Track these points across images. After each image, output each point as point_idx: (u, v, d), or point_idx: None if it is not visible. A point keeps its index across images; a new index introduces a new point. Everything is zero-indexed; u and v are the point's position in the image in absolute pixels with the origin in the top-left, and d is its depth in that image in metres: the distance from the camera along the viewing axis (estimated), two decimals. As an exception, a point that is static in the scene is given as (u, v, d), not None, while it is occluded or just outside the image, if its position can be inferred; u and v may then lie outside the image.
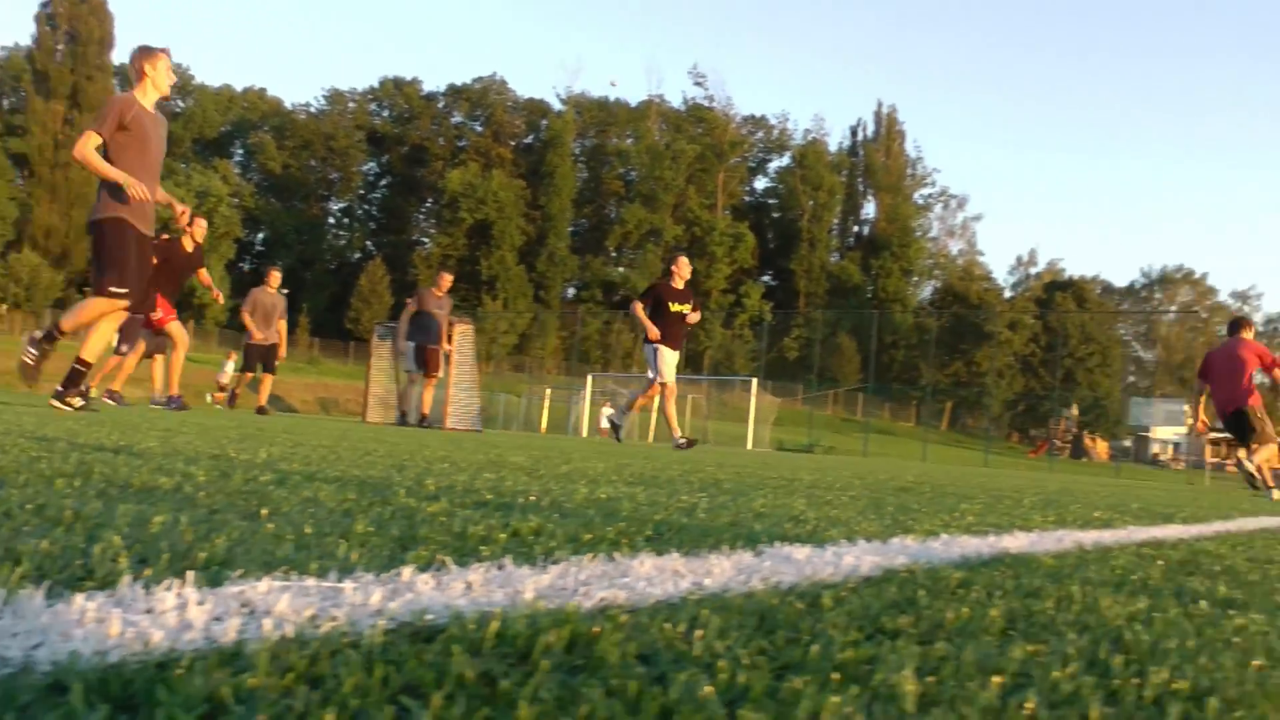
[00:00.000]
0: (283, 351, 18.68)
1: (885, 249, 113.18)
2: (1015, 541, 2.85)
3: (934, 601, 1.58)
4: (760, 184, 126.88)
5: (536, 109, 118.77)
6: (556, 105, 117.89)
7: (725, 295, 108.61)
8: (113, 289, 9.04)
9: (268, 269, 19.04)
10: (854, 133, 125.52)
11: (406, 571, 1.46)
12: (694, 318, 15.42)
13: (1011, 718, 0.96)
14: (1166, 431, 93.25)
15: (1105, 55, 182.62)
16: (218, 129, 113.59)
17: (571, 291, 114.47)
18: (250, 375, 19.37)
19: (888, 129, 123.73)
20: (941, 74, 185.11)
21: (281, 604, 1.18)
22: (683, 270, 15.40)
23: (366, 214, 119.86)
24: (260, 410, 17.87)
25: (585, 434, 49.62)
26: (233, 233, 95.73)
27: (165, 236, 15.33)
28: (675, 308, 15.10)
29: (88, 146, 8.90)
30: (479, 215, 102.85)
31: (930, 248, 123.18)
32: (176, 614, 1.10)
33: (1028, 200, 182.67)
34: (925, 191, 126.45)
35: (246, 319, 18.44)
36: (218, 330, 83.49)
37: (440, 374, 19.29)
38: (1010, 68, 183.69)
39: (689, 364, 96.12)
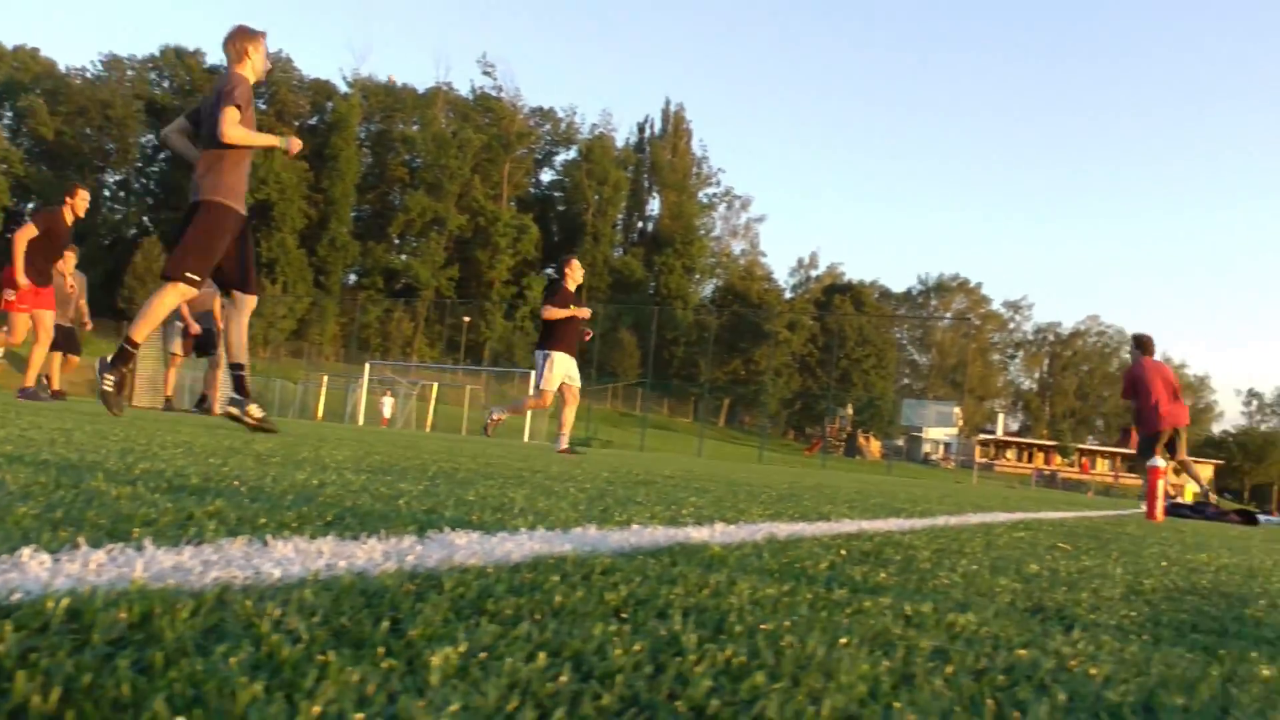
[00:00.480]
0: (88, 323, 17.81)
1: (668, 246, 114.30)
2: (703, 533, 2.92)
3: (560, 586, 1.63)
4: (546, 176, 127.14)
5: (322, 90, 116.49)
6: (342, 87, 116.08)
7: (508, 287, 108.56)
8: (189, 274, 8.69)
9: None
10: (641, 129, 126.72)
11: (27, 551, 1.45)
12: (586, 334, 15.33)
13: (535, 690, 1.00)
14: (938, 432, 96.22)
15: (891, 66, 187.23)
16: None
17: (353, 278, 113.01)
18: (72, 358, 18.44)
19: (675, 127, 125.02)
20: (730, 75, 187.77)
21: None
22: (576, 274, 15.27)
23: (144, 188, 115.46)
24: (56, 395, 17.15)
25: (361, 422, 49.13)
26: (0, 201, 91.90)
27: (48, 209, 14.95)
28: (574, 310, 14.99)
29: (236, 122, 8.70)
30: (260, 195, 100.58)
31: (713, 247, 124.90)
32: None
33: (811, 205, 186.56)
34: (710, 191, 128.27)
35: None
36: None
37: (215, 354, 18.73)
38: (798, 72, 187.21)
39: (468, 355, 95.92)
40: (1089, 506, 14.37)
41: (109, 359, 8.84)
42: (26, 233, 14.26)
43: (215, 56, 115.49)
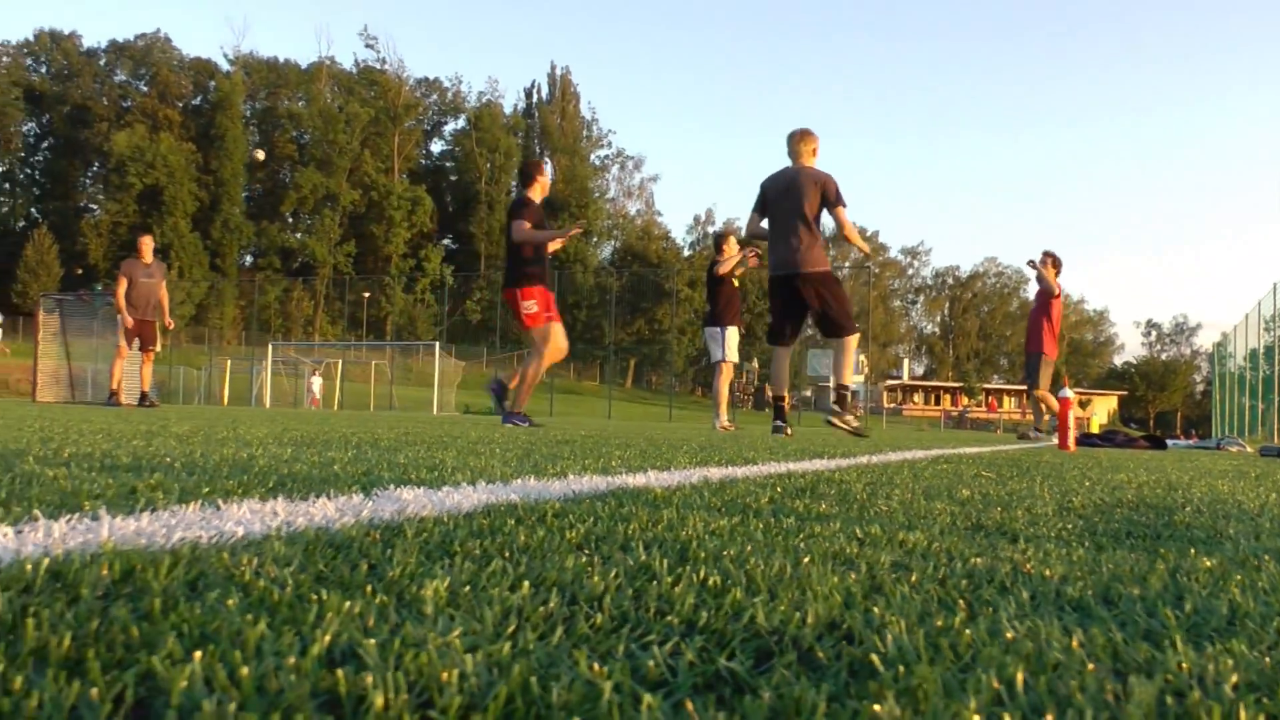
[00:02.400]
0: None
1: (564, 210, 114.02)
2: (640, 479, 2.96)
3: (518, 528, 1.65)
4: (437, 147, 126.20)
5: (204, 69, 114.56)
6: (224, 65, 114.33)
7: (405, 260, 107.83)
8: (856, 325, 11.45)
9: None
10: (528, 95, 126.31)
11: (-11, 524, 1.46)
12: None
13: (529, 615, 1.02)
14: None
15: (773, 11, 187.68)
16: None
17: (249, 259, 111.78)
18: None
19: (562, 91, 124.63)
20: (613, 35, 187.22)
21: None
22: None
23: (29, 179, 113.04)
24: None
25: (269, 404, 48.70)
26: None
27: None
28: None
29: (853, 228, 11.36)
30: (149, 180, 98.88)
31: (609, 208, 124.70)
32: None
33: (704, 161, 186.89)
34: (602, 153, 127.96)
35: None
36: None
37: (157, 348, 18.41)
38: (681, 27, 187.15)
39: (370, 330, 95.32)
40: (1002, 443, 14.60)
41: (832, 415, 12.04)
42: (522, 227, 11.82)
43: (91, 39, 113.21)
